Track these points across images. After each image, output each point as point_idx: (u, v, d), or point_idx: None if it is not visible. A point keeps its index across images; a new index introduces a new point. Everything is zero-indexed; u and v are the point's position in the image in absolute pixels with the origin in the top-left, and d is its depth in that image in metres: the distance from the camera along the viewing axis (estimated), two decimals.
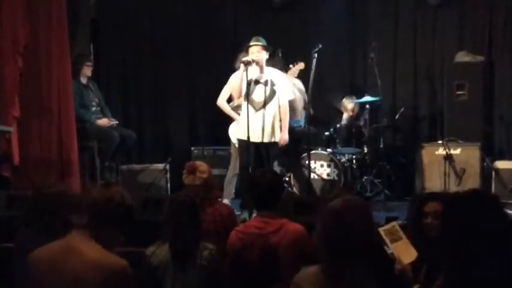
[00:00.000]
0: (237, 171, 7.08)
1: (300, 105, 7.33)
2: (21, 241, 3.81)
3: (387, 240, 3.56)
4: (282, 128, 6.68)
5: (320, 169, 7.88)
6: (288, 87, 6.87)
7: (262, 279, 3.83)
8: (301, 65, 7.56)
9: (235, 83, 6.74)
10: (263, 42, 6.59)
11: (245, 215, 6.23)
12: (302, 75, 7.67)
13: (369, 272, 2.52)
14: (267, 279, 3.80)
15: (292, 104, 7.00)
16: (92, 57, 8.52)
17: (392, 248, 3.54)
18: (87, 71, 7.80)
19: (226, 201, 6.93)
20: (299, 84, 7.44)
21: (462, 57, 8.55)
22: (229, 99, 7.28)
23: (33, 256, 2.89)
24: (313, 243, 3.53)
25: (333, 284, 2.48)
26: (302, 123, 7.19)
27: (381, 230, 3.64)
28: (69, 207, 3.58)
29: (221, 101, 7.27)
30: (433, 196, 3.73)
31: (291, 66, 7.54)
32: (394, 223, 3.67)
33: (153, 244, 3.89)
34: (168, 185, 8.23)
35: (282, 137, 6.67)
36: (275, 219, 3.93)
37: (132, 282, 2.84)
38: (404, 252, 3.48)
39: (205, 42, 9.51)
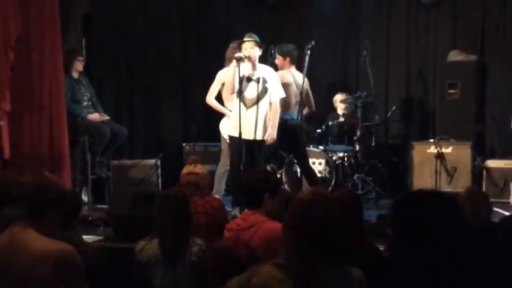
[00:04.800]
0: (228, 167, 7.07)
1: (293, 99, 7.30)
2: None
3: None
4: (271, 126, 6.67)
5: (311, 166, 7.86)
6: (279, 84, 6.85)
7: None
8: None
9: (227, 79, 6.73)
10: (256, 38, 6.59)
11: (236, 211, 6.23)
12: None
13: (337, 269, 2.49)
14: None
15: (284, 98, 6.98)
16: (83, 52, 8.49)
17: None
18: (78, 65, 7.77)
19: (216, 197, 6.92)
20: (299, 77, 7.38)
21: (455, 56, 8.56)
22: (218, 96, 7.28)
23: None
24: None
25: (298, 281, 2.44)
26: (295, 117, 7.15)
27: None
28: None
29: (210, 98, 7.27)
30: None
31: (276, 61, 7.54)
32: None
33: (143, 239, 3.89)
34: (160, 180, 8.23)
35: (269, 135, 6.66)
36: (255, 216, 3.92)
37: (80, 266, 2.80)
38: None
39: (199, 39, 9.51)
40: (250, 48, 6.52)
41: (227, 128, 6.96)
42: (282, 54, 7.45)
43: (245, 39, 6.58)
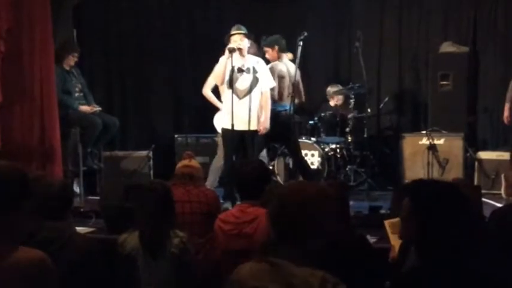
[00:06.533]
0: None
1: (286, 91, 7.30)
2: None
3: (388, 231, 3.85)
4: (264, 116, 6.68)
5: (304, 158, 7.85)
6: (269, 74, 6.86)
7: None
8: (289, 55, 7.54)
9: (218, 70, 6.72)
10: (244, 30, 6.62)
11: (227, 204, 6.22)
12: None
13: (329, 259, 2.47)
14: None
15: (278, 89, 6.99)
16: (75, 42, 8.44)
17: (390, 239, 3.81)
18: (71, 61, 7.72)
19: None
20: (292, 68, 7.37)
21: (447, 47, 8.56)
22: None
23: None
24: None
25: (278, 275, 2.42)
26: (288, 108, 7.14)
27: (386, 222, 3.92)
28: None
29: (206, 90, 7.26)
30: None
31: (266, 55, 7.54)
32: None
33: (126, 231, 3.88)
34: (151, 172, 8.21)
35: (262, 124, 6.67)
36: (253, 208, 3.91)
37: (53, 276, 2.43)
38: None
39: (190, 31, 9.47)
40: (240, 40, 6.55)
41: (220, 121, 6.95)
42: (268, 45, 7.41)
43: (234, 31, 6.60)
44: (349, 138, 8.17)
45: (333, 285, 2.36)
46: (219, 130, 7.03)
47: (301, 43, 6.97)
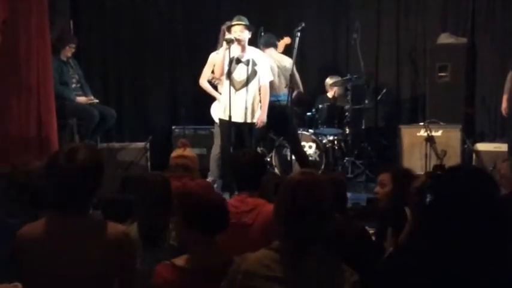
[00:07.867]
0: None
1: (277, 80, 7.28)
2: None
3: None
4: (261, 109, 6.68)
5: (303, 149, 7.84)
6: (268, 67, 6.84)
7: None
8: (286, 40, 7.53)
9: (217, 61, 6.70)
10: (245, 21, 6.58)
11: (226, 195, 6.20)
12: (287, 50, 7.59)
13: (329, 250, 2.47)
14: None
15: (271, 82, 6.99)
16: (72, 33, 8.41)
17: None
18: (68, 52, 7.68)
19: (210, 179, 7.01)
20: (287, 62, 7.36)
21: (445, 39, 8.55)
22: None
23: (24, 235, 2.71)
24: None
25: (290, 264, 2.42)
26: (282, 98, 7.11)
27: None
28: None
29: (202, 81, 7.24)
30: (387, 168, 4.14)
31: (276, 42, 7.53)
32: None
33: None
34: (149, 163, 8.18)
35: (259, 117, 6.67)
36: (252, 198, 3.90)
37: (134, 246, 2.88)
38: None
39: (187, 21, 9.44)
40: (240, 31, 6.51)
41: (218, 111, 6.94)
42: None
43: (234, 22, 6.57)
44: (347, 130, 8.17)
45: (350, 274, 2.39)
46: (216, 119, 7.04)
47: (298, 34, 6.95)
